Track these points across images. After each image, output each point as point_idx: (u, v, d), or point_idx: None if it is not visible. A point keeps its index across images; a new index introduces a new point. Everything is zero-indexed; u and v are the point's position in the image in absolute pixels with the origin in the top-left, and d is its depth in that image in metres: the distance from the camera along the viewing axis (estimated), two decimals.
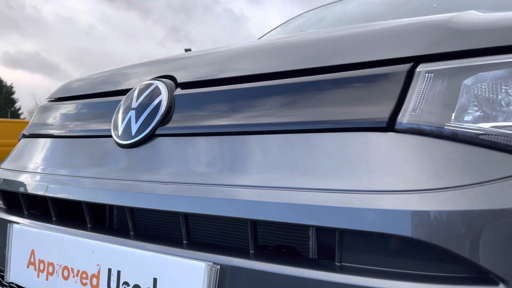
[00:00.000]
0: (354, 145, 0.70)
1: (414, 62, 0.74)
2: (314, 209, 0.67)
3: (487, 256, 0.57)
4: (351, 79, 0.77)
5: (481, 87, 0.70)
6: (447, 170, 0.64)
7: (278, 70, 0.85)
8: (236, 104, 0.87)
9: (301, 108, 0.79)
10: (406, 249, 0.65)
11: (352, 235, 0.68)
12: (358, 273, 0.64)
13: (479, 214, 0.59)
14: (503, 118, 0.68)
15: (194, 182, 0.82)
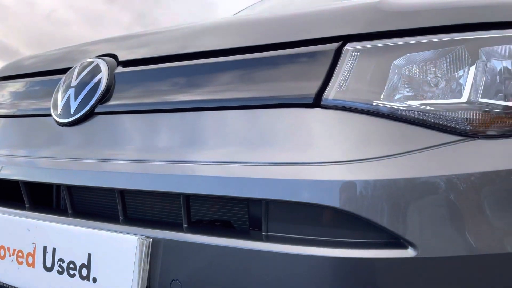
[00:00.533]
0: (282, 120, 0.73)
1: (343, 41, 0.77)
2: (242, 182, 0.69)
3: (397, 222, 0.61)
4: (282, 58, 0.79)
5: (407, 67, 0.73)
6: (366, 143, 0.67)
7: (213, 49, 0.86)
8: (172, 82, 0.88)
9: (233, 85, 0.80)
10: (327, 217, 0.68)
11: (278, 206, 0.70)
12: (283, 242, 0.67)
13: (392, 183, 0.62)
14: (422, 95, 0.72)
15: (130, 159, 0.82)
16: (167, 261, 0.73)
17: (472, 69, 0.72)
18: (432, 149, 0.67)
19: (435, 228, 0.61)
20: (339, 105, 0.71)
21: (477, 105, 0.70)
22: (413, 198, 0.62)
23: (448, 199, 0.62)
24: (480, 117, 0.70)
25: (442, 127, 0.69)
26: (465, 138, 0.68)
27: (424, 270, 0.61)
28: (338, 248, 0.63)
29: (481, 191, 0.63)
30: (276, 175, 0.66)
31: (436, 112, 0.69)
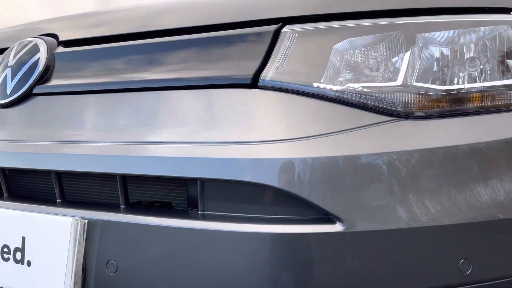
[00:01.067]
0: (220, 101, 0.73)
1: (282, 23, 0.78)
2: (177, 161, 0.69)
3: (326, 198, 0.64)
4: (221, 39, 0.79)
5: (346, 50, 0.75)
6: (300, 123, 0.69)
7: (153, 29, 0.85)
8: (111, 63, 0.86)
9: (171, 66, 0.80)
10: (261, 195, 0.69)
11: (214, 185, 0.71)
12: (218, 220, 0.68)
13: (320, 161, 0.64)
14: (359, 78, 0.74)
15: (67, 140, 0.81)
16: (103, 242, 0.72)
17: (408, 54, 0.75)
18: (364, 128, 0.69)
19: (361, 204, 0.63)
20: (276, 86, 0.72)
21: (411, 88, 0.73)
22: (341, 175, 0.64)
23: (374, 176, 0.65)
24: (412, 99, 0.73)
25: (375, 108, 0.71)
26: (396, 119, 0.71)
27: (351, 243, 0.63)
28: (270, 224, 0.65)
29: (407, 169, 0.66)
30: (210, 154, 0.67)
31: (371, 94, 0.72)
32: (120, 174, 0.73)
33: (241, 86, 0.73)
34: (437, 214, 0.64)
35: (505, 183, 0.69)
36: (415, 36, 0.77)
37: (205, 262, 0.66)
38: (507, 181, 0.69)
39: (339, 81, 0.73)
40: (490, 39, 0.78)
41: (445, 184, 0.66)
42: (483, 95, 0.76)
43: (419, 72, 0.75)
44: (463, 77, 0.76)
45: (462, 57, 0.77)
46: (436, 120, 0.73)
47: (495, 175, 0.69)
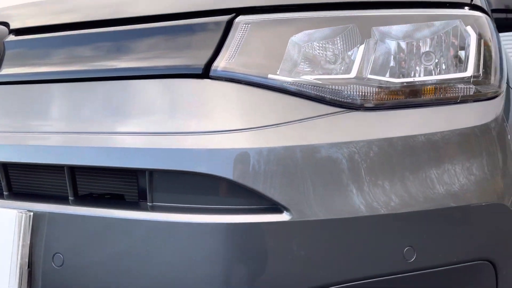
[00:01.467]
0: (171, 90, 0.73)
1: (236, 14, 0.77)
2: (125, 152, 0.68)
3: (273, 188, 0.64)
4: (174, 28, 0.78)
5: (300, 41, 0.76)
6: (249, 114, 0.69)
7: (108, 18, 0.83)
8: (62, 52, 0.84)
9: (123, 55, 0.78)
10: (210, 185, 0.69)
11: (163, 176, 0.70)
12: (167, 211, 0.67)
13: (267, 151, 0.65)
14: (313, 71, 0.75)
15: (14, 131, 0.78)
16: (50, 235, 0.70)
17: (363, 47, 0.76)
18: (315, 119, 0.70)
19: (308, 194, 0.64)
20: (228, 76, 0.72)
21: (365, 80, 0.74)
22: (289, 165, 0.64)
23: (321, 166, 0.65)
24: (364, 91, 0.74)
25: (327, 100, 0.72)
26: (347, 110, 0.72)
27: (298, 232, 0.64)
28: (218, 214, 0.65)
29: (354, 159, 0.67)
30: (158, 145, 0.66)
31: (325, 86, 0.72)
32: (68, 165, 0.72)
33: (193, 76, 0.73)
34: (382, 203, 0.66)
35: (451, 173, 0.71)
36: (370, 30, 0.78)
37: (154, 254, 0.66)
38: (453, 171, 0.71)
39: (292, 72, 0.73)
40: (443, 33, 0.80)
41: (390, 174, 0.68)
42: (433, 88, 0.77)
43: (374, 65, 0.76)
44: (415, 70, 0.78)
45: (415, 51, 0.78)
46: (386, 111, 0.74)
47: (441, 165, 0.71)
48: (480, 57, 0.81)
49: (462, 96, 0.78)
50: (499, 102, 0.81)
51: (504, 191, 0.75)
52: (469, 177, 0.72)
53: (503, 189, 0.75)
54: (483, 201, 0.72)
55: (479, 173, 0.73)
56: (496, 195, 0.74)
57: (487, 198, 0.73)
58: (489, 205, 0.73)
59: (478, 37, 0.81)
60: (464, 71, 0.79)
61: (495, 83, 0.82)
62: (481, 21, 0.84)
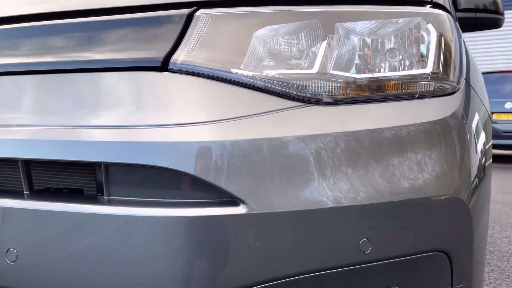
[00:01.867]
0: (129, 83, 0.72)
1: (198, 7, 0.77)
2: (81, 145, 0.67)
3: (229, 181, 0.64)
4: (135, 21, 0.77)
5: (264, 36, 0.75)
6: (208, 107, 0.68)
7: (64, 10, 0.82)
8: (22, 42, 0.82)
9: (81, 48, 0.77)
10: (168, 179, 0.69)
11: (120, 169, 0.70)
12: (123, 205, 0.67)
13: (224, 145, 0.65)
14: (275, 65, 0.75)
15: None
16: (4, 230, 0.69)
17: (326, 42, 0.76)
18: (273, 113, 0.70)
19: (264, 186, 0.64)
20: (188, 69, 0.72)
21: (327, 76, 0.75)
22: (245, 158, 0.64)
23: (277, 159, 0.65)
24: (325, 86, 0.74)
25: (288, 94, 0.72)
26: (306, 104, 0.72)
27: (254, 225, 0.64)
28: (176, 208, 0.64)
29: (310, 152, 0.68)
30: (113, 138, 0.65)
31: (285, 80, 0.72)
32: (22, 159, 0.70)
33: (151, 68, 0.72)
34: (337, 196, 0.66)
35: (408, 167, 0.72)
36: (334, 26, 0.78)
37: (111, 249, 0.65)
38: (411, 164, 0.73)
39: (255, 67, 0.73)
40: (405, 30, 0.81)
41: (347, 168, 0.68)
42: (394, 83, 0.78)
43: (336, 60, 0.76)
44: (376, 66, 0.78)
45: (376, 47, 0.79)
46: (347, 106, 0.75)
47: (399, 158, 0.72)
48: (440, 54, 0.82)
49: (422, 92, 0.79)
50: (458, 97, 0.83)
51: (460, 185, 0.77)
52: (426, 171, 0.74)
53: (460, 183, 0.77)
54: (439, 194, 0.74)
55: (437, 167, 0.75)
56: (453, 189, 0.76)
57: (443, 191, 0.74)
58: (446, 199, 0.74)
59: (439, 35, 0.83)
60: (424, 67, 0.81)
61: (454, 80, 0.83)
62: (441, 19, 0.85)
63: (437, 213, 0.74)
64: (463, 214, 0.77)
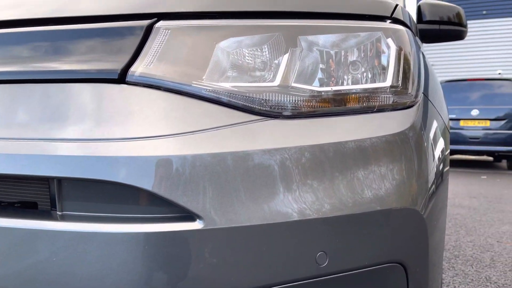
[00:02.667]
0: (85, 95, 0.70)
1: (158, 18, 0.76)
2: (33, 159, 0.65)
3: (185, 196, 0.63)
4: (95, 32, 0.76)
5: (226, 49, 0.75)
6: (165, 120, 0.68)
7: (18, 18, 0.80)
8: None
9: (42, 57, 0.75)
10: (123, 194, 0.68)
11: (74, 184, 0.68)
12: (76, 220, 0.65)
13: (180, 159, 0.64)
14: (237, 78, 0.75)
15: None
16: None
17: (287, 56, 0.77)
18: (232, 126, 0.70)
19: (220, 201, 0.64)
20: (146, 82, 0.71)
21: (288, 89, 0.75)
22: (201, 173, 0.64)
23: (234, 174, 0.65)
24: (286, 99, 0.75)
25: (247, 108, 0.72)
26: (266, 118, 0.73)
27: (210, 240, 0.63)
28: (131, 224, 0.63)
29: (268, 166, 0.68)
30: (68, 152, 0.64)
31: (244, 94, 0.72)
32: None
33: (108, 80, 0.71)
34: (294, 210, 0.67)
35: (365, 180, 0.73)
36: (296, 38, 0.79)
37: (64, 266, 0.63)
38: (368, 177, 0.74)
39: (214, 79, 0.73)
40: (365, 44, 0.82)
41: (305, 182, 0.69)
42: (353, 97, 0.80)
43: (298, 73, 0.77)
44: (337, 80, 0.79)
45: (337, 60, 0.80)
46: (306, 119, 0.75)
47: (356, 172, 0.73)
48: (399, 68, 0.84)
49: (381, 105, 0.81)
50: (415, 111, 0.85)
51: (416, 196, 0.79)
52: (382, 184, 0.75)
53: (416, 195, 0.79)
54: (395, 206, 0.75)
55: (393, 180, 0.76)
56: (409, 201, 0.77)
57: (399, 203, 0.76)
58: (401, 210, 0.76)
59: (398, 49, 0.85)
60: (384, 81, 0.83)
61: (412, 93, 0.85)
62: (401, 34, 0.88)
63: (393, 224, 0.76)
64: (418, 225, 0.78)
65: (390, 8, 0.91)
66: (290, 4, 0.83)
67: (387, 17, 0.90)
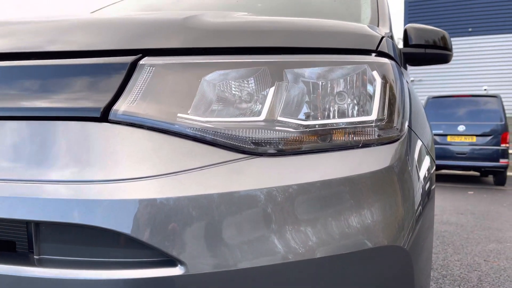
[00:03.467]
0: (66, 134, 0.69)
1: (143, 55, 0.75)
2: (9, 201, 0.63)
3: (166, 241, 0.62)
4: (74, 68, 0.75)
5: (210, 86, 0.74)
6: (147, 161, 0.66)
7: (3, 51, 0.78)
8: None
9: (23, 93, 0.73)
10: (102, 238, 0.66)
11: (51, 227, 0.66)
12: (54, 265, 0.63)
13: (161, 202, 0.63)
14: (222, 114, 0.74)
15: None
16: None
17: (273, 89, 0.76)
18: (216, 166, 0.69)
19: (202, 246, 0.63)
20: (128, 120, 0.70)
21: (274, 125, 0.74)
22: (183, 216, 0.63)
23: (216, 217, 0.64)
24: (272, 136, 0.74)
25: (232, 146, 0.71)
26: (250, 156, 0.72)
27: (193, 286, 0.62)
28: (111, 269, 0.62)
29: (253, 209, 0.66)
30: (46, 195, 0.62)
31: (230, 132, 0.71)
32: None
33: (90, 119, 0.70)
34: (279, 252, 0.66)
35: (348, 220, 0.72)
36: (282, 72, 0.79)
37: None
38: (351, 217, 0.73)
39: (198, 118, 0.72)
40: (351, 79, 0.82)
41: (290, 223, 0.68)
42: (339, 131, 0.79)
43: (284, 108, 0.76)
44: (322, 114, 0.79)
45: (324, 94, 0.80)
46: (292, 157, 0.74)
47: (339, 212, 0.72)
48: (385, 101, 0.84)
49: (367, 140, 0.81)
50: (401, 144, 0.85)
51: (403, 234, 0.78)
52: (368, 221, 0.74)
53: (402, 231, 0.78)
54: (382, 243, 0.74)
55: (378, 217, 0.75)
56: (395, 238, 0.77)
57: (386, 241, 0.75)
58: (386, 248, 0.75)
59: (383, 82, 0.85)
60: (369, 114, 0.82)
61: (397, 126, 0.85)
62: (386, 67, 0.88)
63: (378, 262, 0.75)
64: (403, 260, 0.78)
65: (375, 41, 0.92)
66: (276, 40, 0.83)
67: (372, 50, 0.90)
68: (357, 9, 1.72)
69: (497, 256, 3.07)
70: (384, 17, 1.59)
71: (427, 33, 1.64)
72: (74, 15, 0.91)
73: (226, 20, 0.85)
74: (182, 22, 0.81)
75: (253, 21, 0.90)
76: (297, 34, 0.86)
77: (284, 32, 0.86)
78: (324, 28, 0.91)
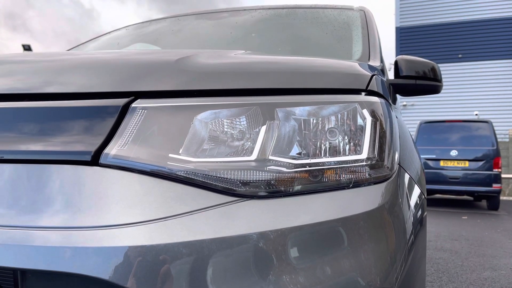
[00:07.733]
0: (55, 179, 0.68)
1: (135, 97, 0.76)
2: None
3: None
4: (67, 110, 0.75)
5: (201, 129, 0.74)
6: (137, 206, 0.66)
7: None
8: None
9: (11, 136, 0.73)
10: (89, 286, 0.65)
11: (38, 275, 0.65)
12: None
13: (149, 249, 0.62)
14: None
15: None
16: None
17: (264, 128, 0.77)
18: (205, 210, 0.68)
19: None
20: (120, 164, 0.70)
21: (266, 162, 0.74)
22: (173, 263, 0.62)
23: (208, 262, 0.63)
24: (263, 178, 0.73)
25: (222, 189, 0.71)
26: (241, 199, 0.71)
27: None
28: None
29: (246, 252, 0.66)
30: (33, 242, 0.61)
31: (220, 175, 0.71)
32: None
33: (81, 162, 0.70)
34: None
35: (339, 263, 0.72)
36: (273, 111, 0.79)
37: None
38: (344, 260, 0.72)
39: (190, 154, 0.72)
40: (342, 116, 0.83)
41: (282, 267, 0.67)
42: (330, 171, 0.79)
43: (275, 146, 0.76)
44: (314, 152, 0.79)
45: (314, 133, 0.80)
46: (283, 198, 0.74)
47: (333, 254, 0.72)
48: (375, 139, 0.84)
49: (358, 180, 0.81)
50: (392, 183, 0.85)
51: (396, 276, 0.77)
52: (360, 262, 0.73)
53: (394, 272, 0.78)
54: (371, 282, 0.74)
55: (368, 258, 0.75)
56: (387, 280, 0.76)
57: (379, 283, 0.74)
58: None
59: (373, 121, 0.86)
60: (360, 153, 0.83)
61: (388, 165, 0.86)
62: (376, 106, 0.89)
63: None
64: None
65: (365, 80, 0.93)
66: (267, 81, 0.83)
67: (362, 90, 0.91)
68: (349, 43, 1.76)
69: (492, 284, 3.05)
70: (375, 49, 1.62)
71: (417, 65, 1.67)
72: (70, 53, 0.92)
73: (220, 61, 0.87)
74: (175, 65, 0.82)
75: (247, 62, 0.91)
76: (289, 75, 0.87)
77: (276, 74, 0.87)
78: (315, 68, 0.92)
